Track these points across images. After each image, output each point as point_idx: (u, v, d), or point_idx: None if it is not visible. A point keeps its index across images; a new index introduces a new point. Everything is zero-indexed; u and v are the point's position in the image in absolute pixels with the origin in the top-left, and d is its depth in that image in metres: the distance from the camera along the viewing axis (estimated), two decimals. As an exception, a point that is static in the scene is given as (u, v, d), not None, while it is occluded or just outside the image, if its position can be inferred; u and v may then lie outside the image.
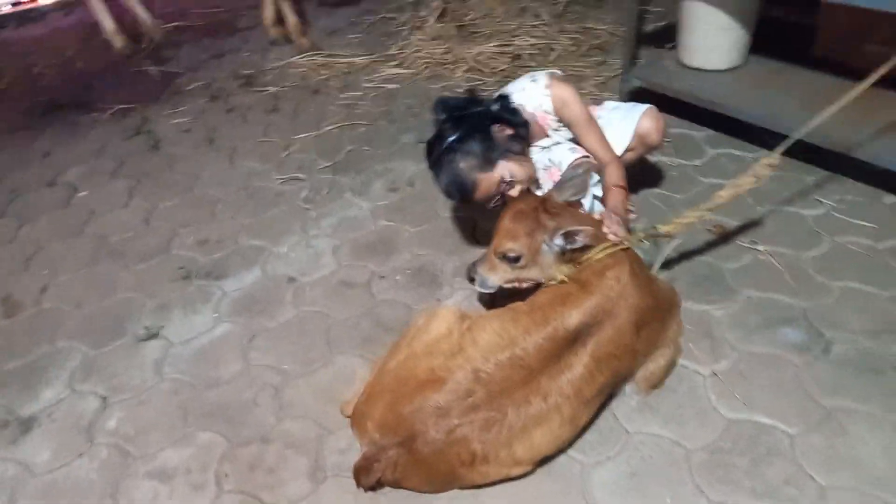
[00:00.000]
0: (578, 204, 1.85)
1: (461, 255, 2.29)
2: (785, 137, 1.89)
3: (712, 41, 2.72)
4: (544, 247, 1.68)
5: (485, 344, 1.52)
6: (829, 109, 1.81)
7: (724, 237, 2.21)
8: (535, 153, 2.03)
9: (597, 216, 1.80)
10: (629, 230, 1.79)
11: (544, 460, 1.55)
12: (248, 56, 4.20)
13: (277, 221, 2.59)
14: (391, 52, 3.86)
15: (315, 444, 1.73)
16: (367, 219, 2.54)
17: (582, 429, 1.58)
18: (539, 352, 1.48)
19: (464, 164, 1.87)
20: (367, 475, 1.49)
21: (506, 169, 1.87)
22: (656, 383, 1.71)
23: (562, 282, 1.66)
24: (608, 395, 1.65)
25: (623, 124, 2.11)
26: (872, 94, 1.93)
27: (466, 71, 3.52)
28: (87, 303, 2.33)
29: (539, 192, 1.99)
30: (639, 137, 2.10)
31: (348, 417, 1.71)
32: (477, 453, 1.44)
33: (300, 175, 2.86)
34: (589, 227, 1.61)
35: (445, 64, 3.61)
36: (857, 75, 1.86)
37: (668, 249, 1.89)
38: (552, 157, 1.99)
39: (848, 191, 2.36)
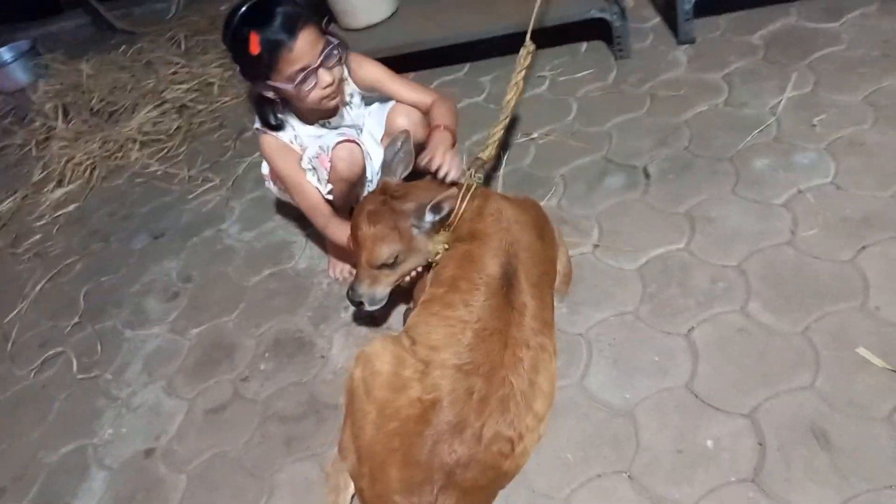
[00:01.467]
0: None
1: (302, 304, 2.07)
2: (472, 44, 2.02)
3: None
4: (414, 231, 1.59)
5: (442, 341, 1.41)
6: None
7: (504, 147, 2.33)
8: (311, 140, 1.89)
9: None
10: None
11: (548, 406, 1.52)
12: None
13: (73, 411, 2.05)
14: (37, 178, 3.24)
15: (335, 572, 1.46)
16: (174, 340, 2.15)
17: (558, 356, 1.58)
18: (492, 312, 1.42)
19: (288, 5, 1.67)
20: (429, 546, 1.31)
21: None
22: (569, 278, 1.77)
23: (446, 251, 1.60)
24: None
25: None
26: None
27: (141, 148, 3.12)
28: None
29: (316, 182, 1.86)
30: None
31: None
32: (512, 437, 1.35)
33: (52, 351, 2.29)
34: (450, 191, 1.56)
35: (112, 154, 3.15)
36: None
37: (502, 168, 1.94)
38: (321, 145, 1.86)
39: (553, 57, 2.64)
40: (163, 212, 2.71)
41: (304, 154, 1.85)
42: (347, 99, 1.94)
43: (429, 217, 1.56)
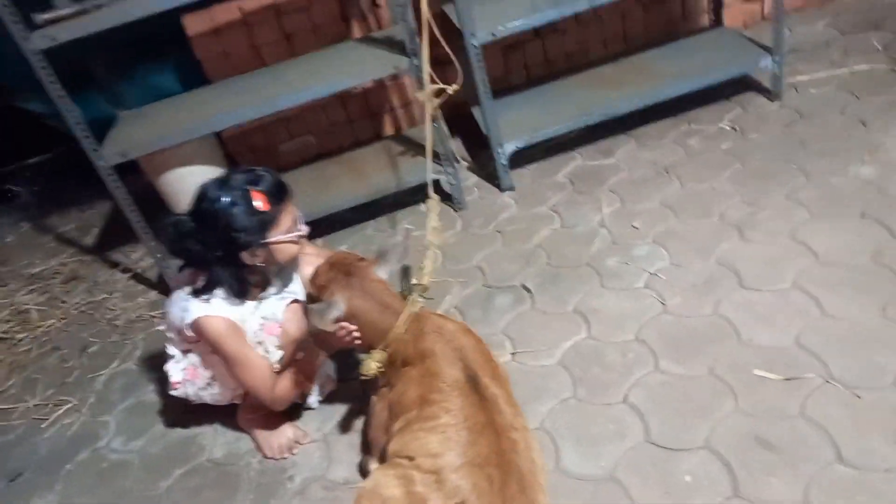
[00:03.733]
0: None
1: (237, 491, 1.92)
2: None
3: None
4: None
5: (441, 447, 1.45)
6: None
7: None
8: (249, 316, 1.88)
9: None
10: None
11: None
12: None
13: None
14: None
15: None
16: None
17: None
18: (473, 408, 1.51)
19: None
20: None
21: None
22: (507, 378, 1.91)
23: (378, 370, 1.71)
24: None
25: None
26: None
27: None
28: None
29: (264, 354, 1.89)
30: None
31: None
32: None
33: None
34: (338, 308, 1.69)
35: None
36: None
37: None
38: (265, 315, 1.89)
39: (402, 218, 2.95)
40: (9, 451, 2.33)
41: (247, 332, 1.85)
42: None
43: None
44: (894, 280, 1.95)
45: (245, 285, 1.87)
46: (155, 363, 2.52)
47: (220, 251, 1.80)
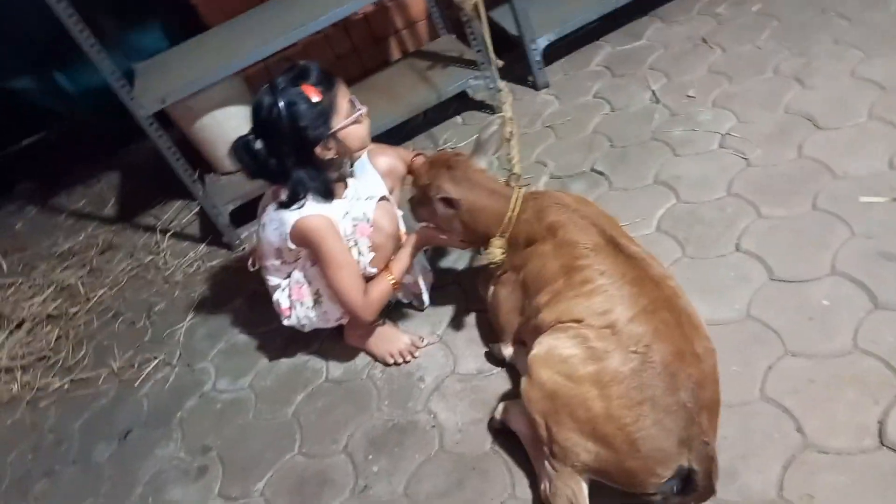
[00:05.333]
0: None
1: (370, 401, 1.93)
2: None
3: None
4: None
5: (606, 305, 1.45)
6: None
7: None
8: (340, 217, 1.85)
9: None
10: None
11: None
12: None
13: None
14: None
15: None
16: (232, 512, 1.81)
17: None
18: (626, 265, 1.52)
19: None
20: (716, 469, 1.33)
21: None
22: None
23: (503, 255, 1.73)
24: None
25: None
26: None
27: (24, 373, 2.59)
28: None
29: (360, 253, 1.87)
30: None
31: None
32: (713, 349, 1.44)
33: None
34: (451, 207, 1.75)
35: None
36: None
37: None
38: (355, 216, 1.86)
39: (440, 134, 2.92)
40: (108, 414, 2.28)
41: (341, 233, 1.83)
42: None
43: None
44: (969, 95, 2.00)
45: (328, 183, 1.85)
46: (233, 307, 2.49)
47: (294, 156, 1.77)
